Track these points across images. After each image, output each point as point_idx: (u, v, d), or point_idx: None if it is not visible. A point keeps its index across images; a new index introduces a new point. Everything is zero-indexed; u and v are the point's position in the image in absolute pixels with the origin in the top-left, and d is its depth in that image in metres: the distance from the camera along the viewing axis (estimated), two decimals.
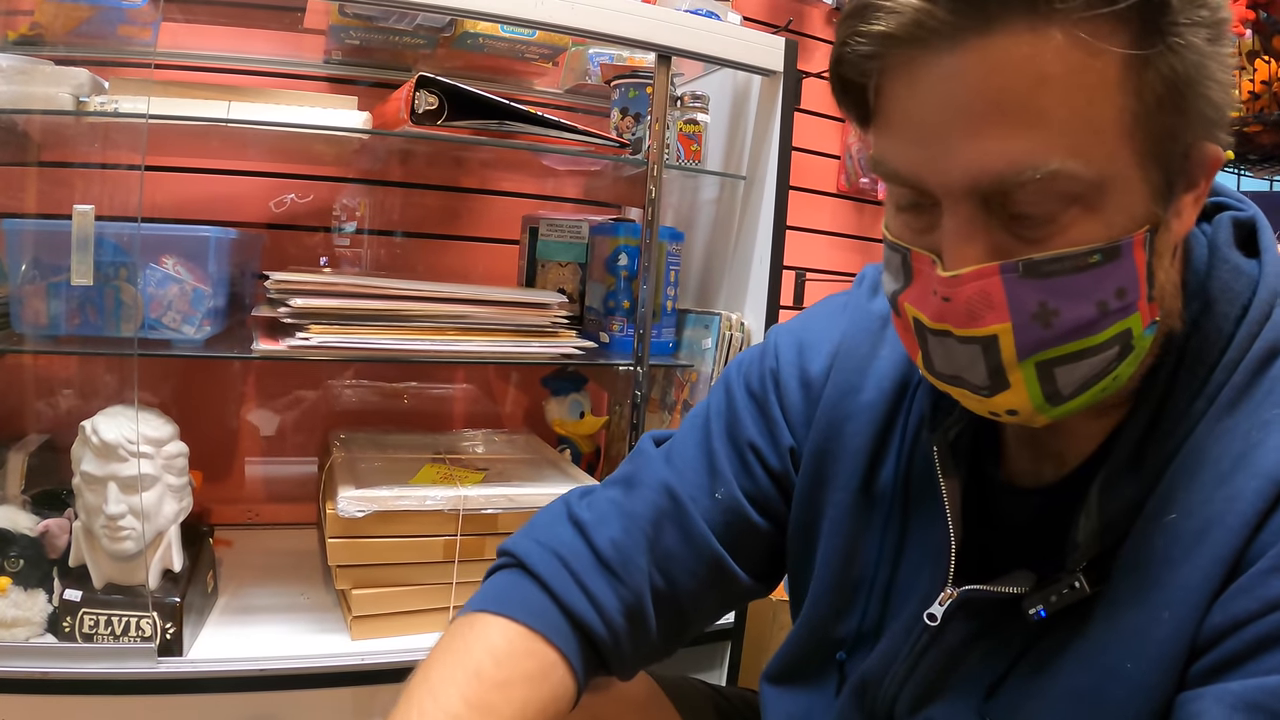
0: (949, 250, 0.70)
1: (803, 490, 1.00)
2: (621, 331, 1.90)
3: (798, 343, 1.05)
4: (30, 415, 1.81)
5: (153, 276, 1.53)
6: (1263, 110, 1.74)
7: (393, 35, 1.88)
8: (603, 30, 1.67)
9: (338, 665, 1.55)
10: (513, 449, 2.10)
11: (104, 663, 1.43)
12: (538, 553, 0.97)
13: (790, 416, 1.03)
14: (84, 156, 1.61)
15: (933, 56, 0.65)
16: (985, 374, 0.72)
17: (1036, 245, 0.67)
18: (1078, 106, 0.64)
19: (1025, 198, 0.66)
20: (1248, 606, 0.66)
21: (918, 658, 0.88)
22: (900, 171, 0.71)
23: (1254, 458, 0.69)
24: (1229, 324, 0.75)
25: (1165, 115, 0.66)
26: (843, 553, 0.96)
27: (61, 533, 1.50)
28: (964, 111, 0.65)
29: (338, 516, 1.57)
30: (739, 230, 1.98)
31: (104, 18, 1.65)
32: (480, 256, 2.31)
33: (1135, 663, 0.71)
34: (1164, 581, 0.71)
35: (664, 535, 0.99)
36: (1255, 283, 0.76)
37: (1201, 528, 0.70)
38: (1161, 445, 0.75)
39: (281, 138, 1.72)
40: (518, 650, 0.90)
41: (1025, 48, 0.63)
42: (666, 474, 1.03)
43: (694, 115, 1.97)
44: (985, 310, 0.69)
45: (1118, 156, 0.65)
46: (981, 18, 0.63)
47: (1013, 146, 0.64)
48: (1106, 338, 0.70)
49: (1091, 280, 0.67)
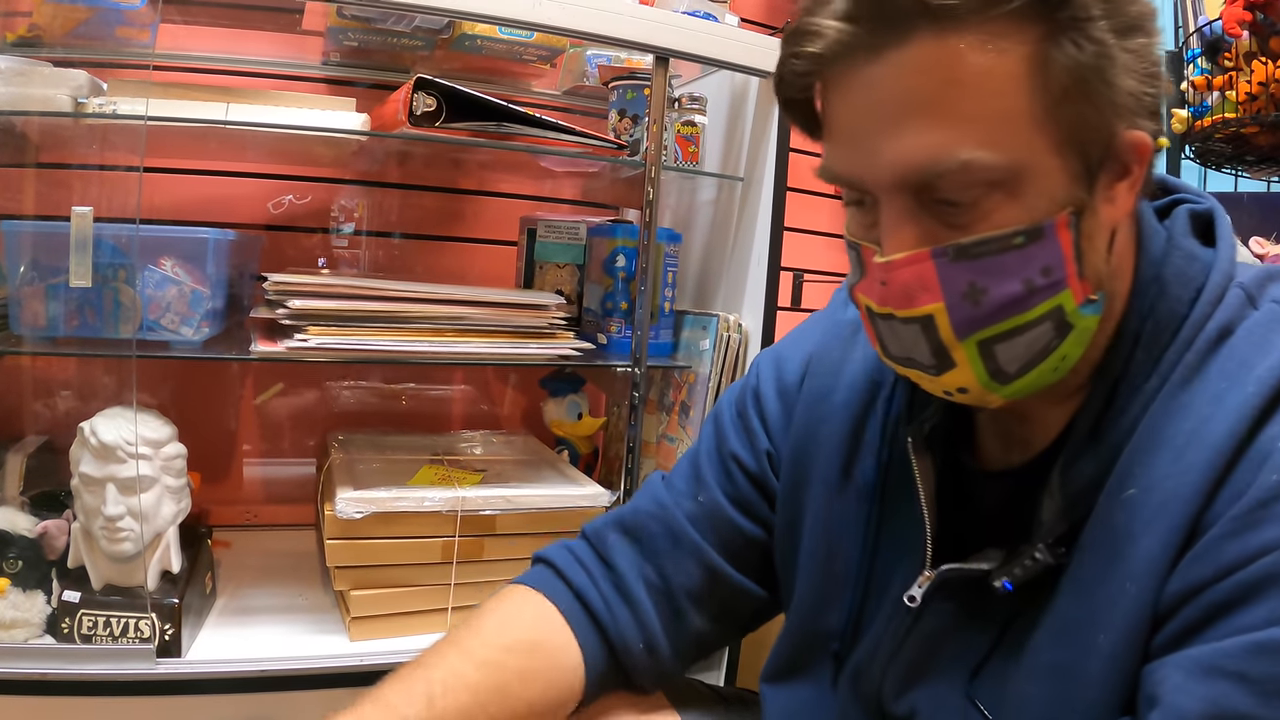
0: (886, 239, 0.77)
1: (785, 491, 1.08)
2: (619, 333, 1.90)
3: (775, 358, 1.16)
4: (29, 416, 1.81)
5: (151, 278, 1.53)
6: (1260, 112, 1.74)
7: (391, 37, 1.88)
8: (600, 32, 1.67)
9: (336, 666, 1.55)
10: (511, 450, 2.11)
11: (103, 664, 1.43)
12: (553, 549, 1.16)
13: (769, 424, 1.12)
14: (82, 158, 1.61)
15: (857, 70, 0.74)
16: (929, 352, 0.79)
17: (964, 230, 0.74)
18: (986, 101, 0.71)
19: (948, 187, 0.72)
20: (1202, 573, 0.70)
21: (901, 640, 0.93)
22: (840, 173, 0.80)
23: (1204, 431, 0.73)
24: (1183, 306, 0.80)
25: (1074, 105, 0.71)
26: (825, 547, 1.02)
27: (60, 534, 1.50)
28: (885, 114, 0.73)
29: (336, 518, 1.57)
30: (736, 231, 1.99)
31: (102, 19, 1.65)
32: (478, 258, 2.31)
33: (1106, 634, 0.75)
34: (1126, 555, 0.74)
35: (649, 530, 1.12)
36: (1209, 268, 0.81)
37: (1160, 501, 0.73)
38: (1118, 423, 0.80)
39: (280, 139, 1.72)
40: (517, 596, 1.10)
41: (934, 54, 0.70)
42: (659, 492, 1.15)
43: (691, 117, 1.97)
44: (920, 291, 0.76)
45: (1031, 145, 0.72)
46: (895, 33, 0.71)
47: (928, 141, 0.71)
48: (1038, 314, 0.75)
49: (1017, 260, 0.74)
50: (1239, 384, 0.74)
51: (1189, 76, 1.90)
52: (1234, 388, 0.74)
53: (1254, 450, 0.71)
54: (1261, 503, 0.68)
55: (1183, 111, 1.89)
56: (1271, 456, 0.70)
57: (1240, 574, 0.68)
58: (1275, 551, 0.67)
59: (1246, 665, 0.66)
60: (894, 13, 0.70)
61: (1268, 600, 0.66)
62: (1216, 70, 1.84)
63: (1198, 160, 2.02)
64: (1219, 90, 1.81)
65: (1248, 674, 0.65)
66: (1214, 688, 0.66)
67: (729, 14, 2.00)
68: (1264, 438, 0.71)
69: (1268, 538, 0.67)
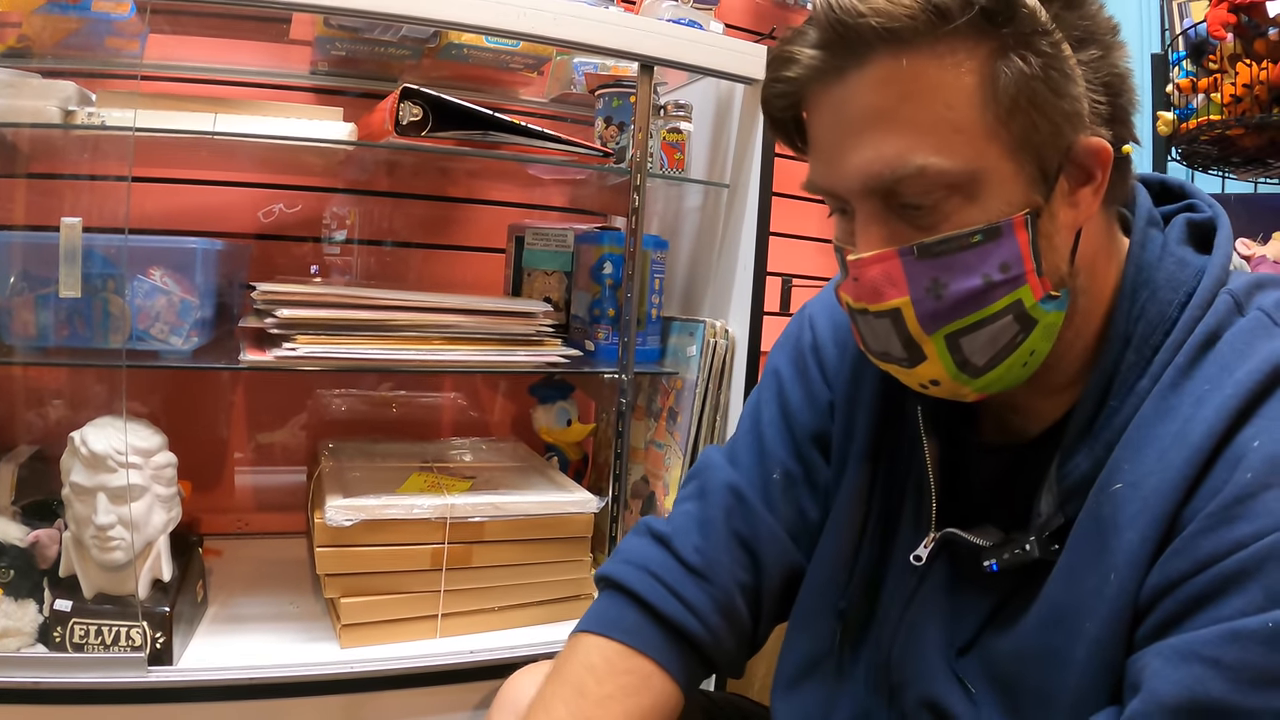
0: (858, 239, 0.84)
1: (837, 440, 1.11)
2: (607, 339, 1.91)
3: (828, 305, 1.19)
4: (20, 426, 1.81)
5: (140, 288, 1.54)
6: (1245, 113, 1.75)
7: (378, 46, 1.89)
8: (585, 41, 1.67)
9: (327, 674, 1.56)
10: (500, 457, 2.11)
11: (94, 672, 1.43)
12: (630, 572, 1.08)
13: (828, 372, 1.14)
14: (72, 169, 1.61)
15: (827, 90, 0.83)
16: (901, 346, 0.85)
17: (927, 231, 0.81)
18: (939, 113, 0.77)
19: (909, 191, 0.79)
20: (1180, 567, 0.74)
21: (908, 600, 0.98)
22: (819, 184, 0.88)
23: (1186, 431, 0.77)
24: (1173, 310, 0.84)
25: (1024, 115, 0.78)
26: (852, 505, 1.07)
27: (51, 543, 1.50)
28: (850, 128, 0.81)
29: (326, 525, 1.57)
30: (723, 238, 2.00)
31: (91, 30, 1.65)
32: (467, 266, 2.32)
33: (1092, 622, 0.79)
34: (1111, 546, 0.78)
35: (737, 532, 1.10)
36: (1200, 274, 0.85)
37: (1144, 496, 0.77)
38: (1111, 421, 0.84)
39: (268, 149, 1.73)
40: (616, 667, 1.02)
41: (889, 72, 0.78)
42: (730, 475, 1.13)
43: (677, 124, 1.98)
44: (888, 287, 0.83)
45: (986, 152, 0.78)
46: (855, 56, 0.79)
47: (887, 150, 0.79)
48: (998, 308, 0.81)
49: (975, 257, 0.80)
50: (1219, 387, 0.77)
51: (1174, 79, 1.91)
52: (1215, 391, 0.77)
53: (1230, 450, 0.74)
54: (1237, 499, 0.72)
55: (1169, 114, 1.91)
56: (1246, 456, 0.73)
57: (1216, 568, 0.71)
58: (1249, 546, 0.70)
59: (1221, 651, 0.69)
60: (854, 39, 0.78)
61: (1242, 592, 0.70)
62: (1202, 73, 1.86)
63: (1184, 162, 2.03)
64: (1204, 92, 1.83)
65: (1222, 660, 0.69)
66: (1190, 673, 0.70)
67: (714, 21, 2.02)
68: (1240, 438, 0.74)
69: (1241, 533, 0.71)
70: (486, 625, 1.73)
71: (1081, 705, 0.78)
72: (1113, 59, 0.81)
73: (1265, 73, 1.69)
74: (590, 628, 1.05)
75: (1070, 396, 0.89)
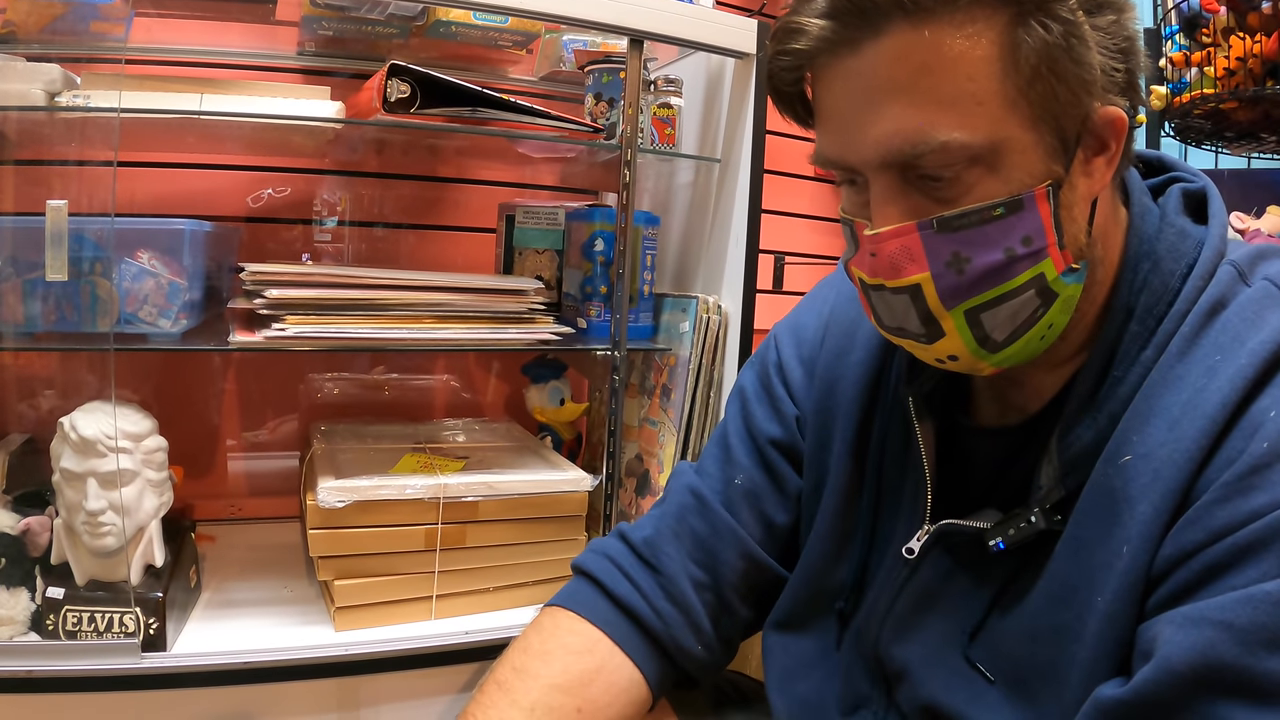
0: (875, 214, 0.82)
1: (810, 452, 1.13)
2: (599, 317, 1.90)
3: (793, 326, 1.21)
4: (11, 414, 1.80)
5: (128, 271, 1.53)
6: (1238, 87, 1.74)
7: (365, 25, 1.87)
8: (574, 15, 1.66)
9: (322, 657, 1.55)
10: (493, 437, 2.11)
11: (88, 659, 1.43)
12: (590, 558, 1.18)
13: (793, 390, 1.17)
14: (58, 153, 1.60)
15: (840, 62, 0.80)
16: (919, 321, 0.84)
17: (948, 204, 0.79)
18: (959, 85, 0.75)
19: (929, 165, 0.77)
20: (1195, 538, 0.73)
21: (897, 593, 0.98)
22: (830, 157, 0.86)
23: (1199, 401, 0.76)
24: (1175, 280, 0.84)
25: (1045, 83, 0.76)
26: (839, 506, 1.08)
27: (43, 530, 1.50)
28: (867, 101, 0.79)
29: (318, 507, 1.57)
30: (715, 213, 1.99)
31: (77, 14, 1.64)
32: (458, 245, 2.31)
33: (1103, 596, 0.78)
34: (1123, 519, 0.78)
35: (691, 528, 1.15)
36: (1201, 244, 0.85)
37: (1156, 468, 0.77)
38: (1115, 392, 0.83)
39: (257, 130, 1.71)
40: (562, 628, 1.10)
41: (907, 44, 0.75)
42: (693, 480, 1.19)
43: (668, 99, 1.97)
44: (907, 262, 0.81)
45: (1007, 123, 0.76)
46: (871, 26, 0.76)
47: (906, 125, 0.77)
48: (1020, 282, 0.80)
49: (998, 230, 0.79)
50: (1232, 356, 0.77)
51: (1167, 53, 1.90)
52: (1227, 360, 0.77)
53: (1246, 420, 0.74)
54: (1253, 469, 0.72)
55: (1161, 88, 1.90)
56: (1263, 426, 0.73)
57: (1231, 538, 0.71)
58: (1265, 516, 0.70)
59: (1233, 615, 0.68)
60: (869, 8, 0.76)
61: (1258, 562, 0.69)
62: (1195, 46, 1.85)
63: (1177, 137, 2.02)
64: (1197, 66, 1.82)
65: (1234, 623, 0.68)
66: (1201, 636, 0.69)
67: None
68: (1256, 408, 0.74)
69: (1258, 503, 0.71)
70: (481, 606, 1.73)
71: (1092, 680, 0.78)
72: (1124, 21, 0.80)
73: (1259, 46, 1.68)
74: (551, 602, 1.15)
75: (1071, 369, 0.90)
